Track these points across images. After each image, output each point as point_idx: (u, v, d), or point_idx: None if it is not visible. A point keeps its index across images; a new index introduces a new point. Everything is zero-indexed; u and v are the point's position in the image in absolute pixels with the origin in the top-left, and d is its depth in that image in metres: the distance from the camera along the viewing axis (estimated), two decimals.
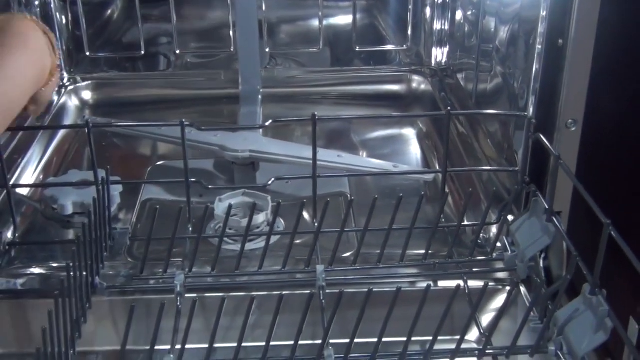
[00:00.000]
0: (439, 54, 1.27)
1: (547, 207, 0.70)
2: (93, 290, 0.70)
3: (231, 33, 1.25)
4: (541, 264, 0.76)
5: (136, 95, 1.27)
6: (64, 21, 1.23)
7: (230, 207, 0.74)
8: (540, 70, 0.75)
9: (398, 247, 0.77)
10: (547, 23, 0.73)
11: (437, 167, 1.05)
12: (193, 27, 1.26)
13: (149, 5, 1.23)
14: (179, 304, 0.70)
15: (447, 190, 0.81)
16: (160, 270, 0.76)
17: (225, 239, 0.87)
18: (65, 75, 1.26)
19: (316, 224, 0.78)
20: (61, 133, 1.12)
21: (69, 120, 1.21)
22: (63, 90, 1.23)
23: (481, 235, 0.83)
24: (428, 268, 0.77)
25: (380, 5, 1.27)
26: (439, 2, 1.23)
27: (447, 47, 1.24)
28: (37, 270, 0.79)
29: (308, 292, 0.65)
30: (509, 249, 0.76)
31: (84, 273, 0.66)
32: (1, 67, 0.63)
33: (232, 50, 1.26)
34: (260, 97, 1.22)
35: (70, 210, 0.90)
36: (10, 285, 0.74)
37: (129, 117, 1.21)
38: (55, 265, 0.82)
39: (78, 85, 1.26)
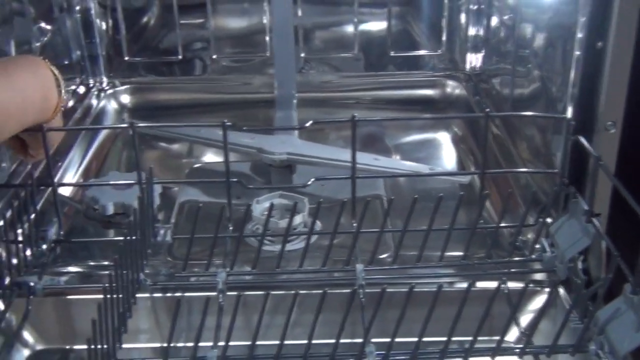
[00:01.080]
0: (474, 59, 1.28)
1: (586, 208, 0.71)
2: (138, 286, 0.71)
3: (267, 38, 1.26)
4: (580, 266, 0.76)
5: (173, 99, 1.29)
6: (104, 27, 1.26)
7: (271, 206, 0.75)
8: (578, 72, 0.76)
9: (436, 249, 0.77)
10: (586, 26, 0.74)
11: (474, 171, 1.05)
12: (229, 32, 1.28)
13: (187, 11, 1.25)
14: (221, 300, 0.71)
15: (487, 191, 0.81)
16: (199, 269, 0.77)
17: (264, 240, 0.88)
18: (105, 80, 1.28)
19: (354, 225, 0.78)
20: (100, 136, 1.15)
21: (107, 123, 1.23)
22: (102, 94, 1.26)
23: (520, 237, 0.84)
24: (467, 268, 0.77)
25: (414, 12, 1.28)
26: (474, 8, 1.24)
27: (483, 52, 1.25)
28: (79, 269, 0.81)
29: (348, 290, 0.66)
30: (547, 250, 0.76)
31: (129, 270, 0.67)
32: (8, 79, 0.67)
33: (267, 54, 1.27)
34: (295, 101, 1.24)
35: (111, 210, 0.92)
36: (54, 283, 0.76)
37: (166, 121, 1.24)
38: (96, 264, 0.83)
39: (117, 89, 1.28)
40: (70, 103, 1.19)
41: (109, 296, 0.60)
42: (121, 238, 0.68)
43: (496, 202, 0.96)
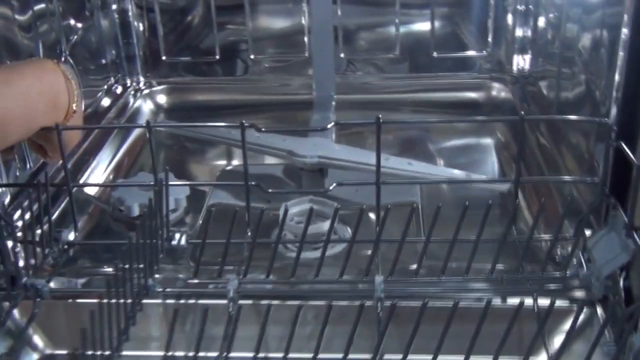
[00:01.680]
0: (521, 61, 1.22)
1: (626, 221, 0.65)
2: (145, 292, 0.68)
3: (305, 39, 1.23)
4: (621, 283, 0.70)
5: (211, 99, 1.27)
6: (141, 27, 1.25)
7: (286, 211, 0.71)
8: (622, 73, 0.70)
9: (465, 260, 0.72)
10: (631, 22, 0.68)
11: (508, 178, 1.00)
12: (268, 32, 1.25)
13: (225, 11, 1.23)
14: (230, 309, 0.67)
15: (518, 200, 0.75)
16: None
17: (290, 246, 0.85)
18: (142, 79, 1.27)
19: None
20: (133, 136, 1.13)
21: (142, 123, 1.21)
22: (138, 94, 1.24)
23: (559, 251, 0.78)
24: (495, 283, 0.72)
25: (460, 12, 1.23)
26: (522, 8, 1.18)
27: (529, 53, 1.19)
28: (92, 272, 0.79)
29: (365, 302, 0.62)
30: (584, 266, 0.70)
31: (135, 275, 0.65)
32: (9, 86, 0.66)
33: (306, 55, 1.24)
34: (334, 103, 1.20)
35: (137, 211, 0.90)
36: (69, 285, 0.74)
37: (202, 122, 1.21)
38: (110, 267, 0.81)
39: (153, 89, 1.26)
40: (107, 102, 1.18)
41: (106, 301, 0.58)
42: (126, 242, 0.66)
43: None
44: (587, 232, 0.74)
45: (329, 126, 0.75)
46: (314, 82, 1.20)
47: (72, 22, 1.05)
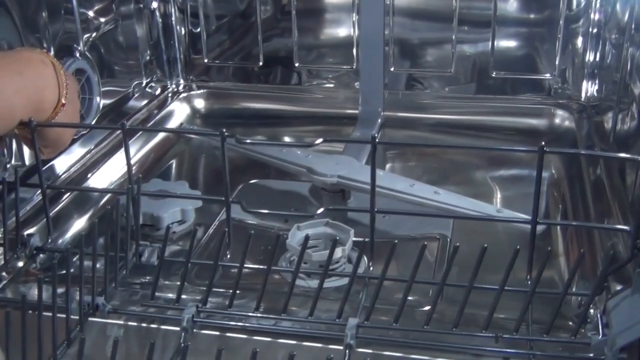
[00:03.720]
0: (590, 88, 1.08)
1: None
2: (90, 310, 0.61)
3: (354, 51, 1.15)
4: None
5: (250, 107, 1.20)
6: (183, 31, 1.20)
7: (249, 237, 0.62)
8: None
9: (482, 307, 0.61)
10: None
11: (558, 219, 0.87)
12: (315, 42, 1.18)
13: (271, 18, 1.17)
14: (182, 341, 0.60)
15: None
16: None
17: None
18: (182, 82, 1.22)
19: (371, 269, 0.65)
20: (156, 139, 1.07)
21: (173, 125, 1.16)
22: (175, 97, 1.19)
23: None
24: (498, 343, 0.60)
25: (525, 31, 1.11)
26: (594, 31, 1.05)
27: (597, 80, 1.06)
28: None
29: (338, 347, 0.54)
30: (600, 331, 0.58)
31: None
32: None
33: (354, 67, 1.16)
34: (380, 120, 1.11)
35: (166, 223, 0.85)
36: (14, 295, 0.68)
37: (239, 130, 1.15)
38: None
39: (192, 92, 1.21)
40: (141, 103, 1.13)
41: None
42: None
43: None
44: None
45: (316, 142, 0.65)
46: (360, 96, 1.12)
47: (92, 14, 1.00)
